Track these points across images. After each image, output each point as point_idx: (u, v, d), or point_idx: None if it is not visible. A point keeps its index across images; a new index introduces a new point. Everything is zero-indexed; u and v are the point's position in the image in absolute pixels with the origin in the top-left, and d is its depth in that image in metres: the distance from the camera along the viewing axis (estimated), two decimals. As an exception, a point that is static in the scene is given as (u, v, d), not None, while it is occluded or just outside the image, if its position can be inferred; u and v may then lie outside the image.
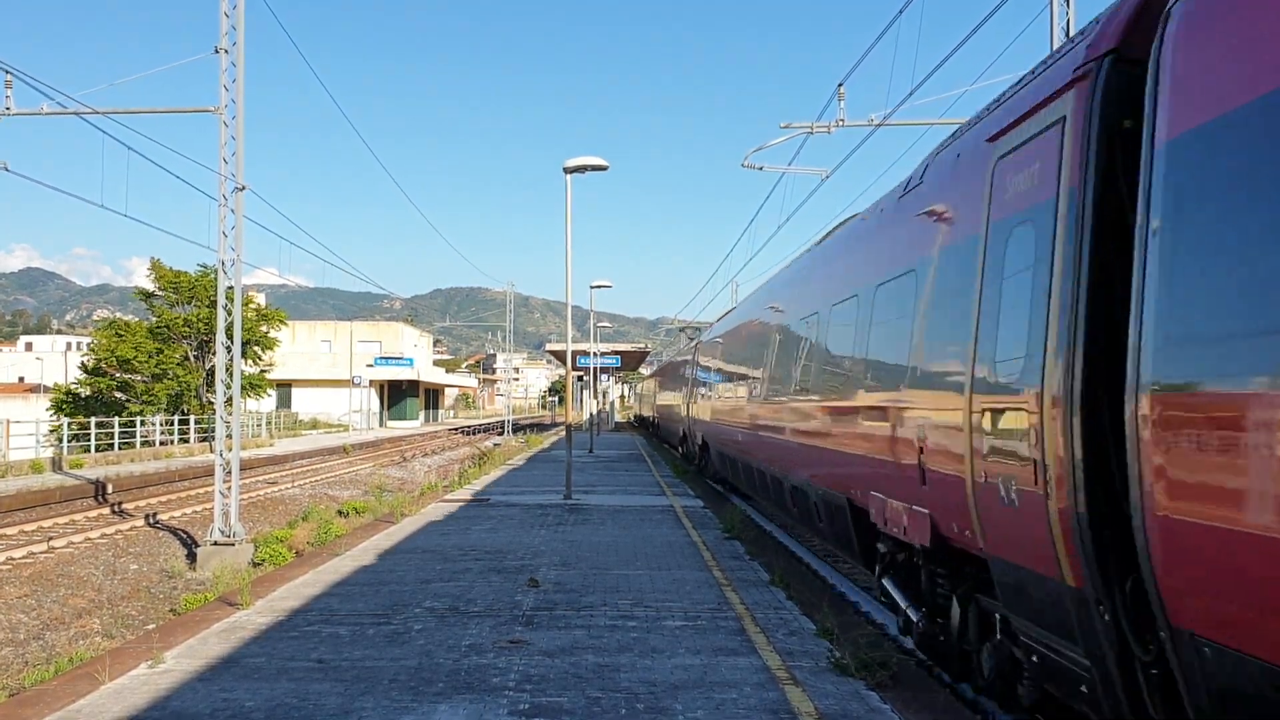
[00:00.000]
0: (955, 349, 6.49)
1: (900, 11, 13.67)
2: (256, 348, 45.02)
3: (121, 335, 42.06)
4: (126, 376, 41.65)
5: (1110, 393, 4.53)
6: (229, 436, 16.01)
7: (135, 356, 40.73)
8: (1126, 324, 4.35)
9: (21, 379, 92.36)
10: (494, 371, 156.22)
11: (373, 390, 71.27)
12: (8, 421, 32.05)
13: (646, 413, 65.03)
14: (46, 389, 60.12)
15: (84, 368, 42.78)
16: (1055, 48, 13.53)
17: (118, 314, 57.89)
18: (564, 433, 28.78)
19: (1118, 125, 4.78)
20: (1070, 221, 4.95)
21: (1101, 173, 4.79)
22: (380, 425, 73.67)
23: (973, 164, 6.64)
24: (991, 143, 6.24)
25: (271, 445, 44.24)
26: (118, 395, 41.62)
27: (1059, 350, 4.89)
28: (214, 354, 30.22)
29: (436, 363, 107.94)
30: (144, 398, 41.11)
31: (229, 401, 16.13)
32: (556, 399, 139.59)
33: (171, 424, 40.01)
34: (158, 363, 41.23)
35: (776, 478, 13.72)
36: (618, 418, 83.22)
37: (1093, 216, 4.81)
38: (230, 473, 15.88)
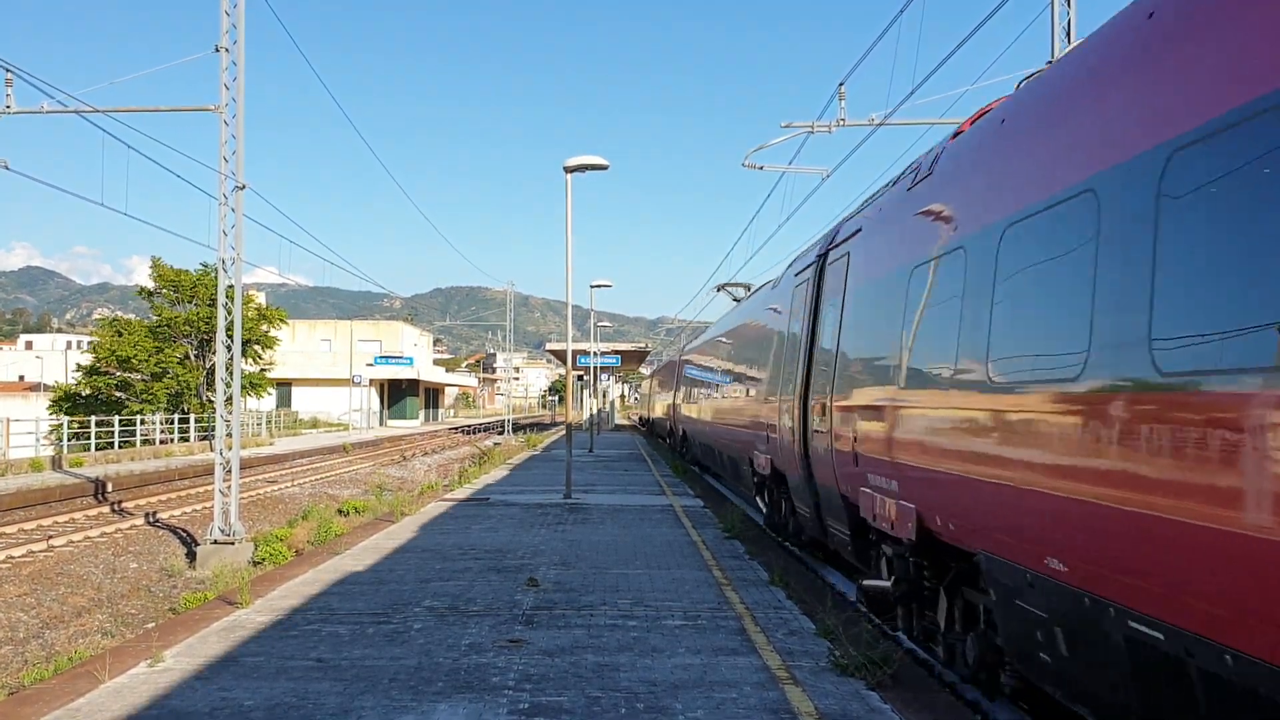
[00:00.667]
0: None
1: (900, 11, 13.67)
2: (257, 346, 45.03)
3: (121, 334, 42.08)
4: (126, 375, 41.67)
5: None
6: (229, 435, 16.01)
7: (135, 355, 40.74)
8: None
9: (21, 377, 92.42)
10: (494, 371, 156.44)
11: (372, 389, 71.28)
12: (7, 420, 32.07)
13: (658, 414, 47.62)
14: (47, 387, 60.17)
15: (81, 368, 42.80)
16: (1056, 48, 13.52)
17: (118, 313, 58.00)
18: (564, 432, 28.78)
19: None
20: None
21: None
22: (380, 424, 73.69)
23: None
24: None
25: (271, 444, 44.24)
26: (117, 394, 41.63)
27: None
28: (214, 353, 30.22)
29: (436, 362, 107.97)
30: (143, 396, 41.11)
31: (229, 400, 16.12)
32: (556, 398, 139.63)
33: (171, 423, 40.03)
34: (157, 361, 41.24)
35: None
36: (618, 418, 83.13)
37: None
38: (230, 471, 15.87)
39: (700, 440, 26.15)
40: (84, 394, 41.72)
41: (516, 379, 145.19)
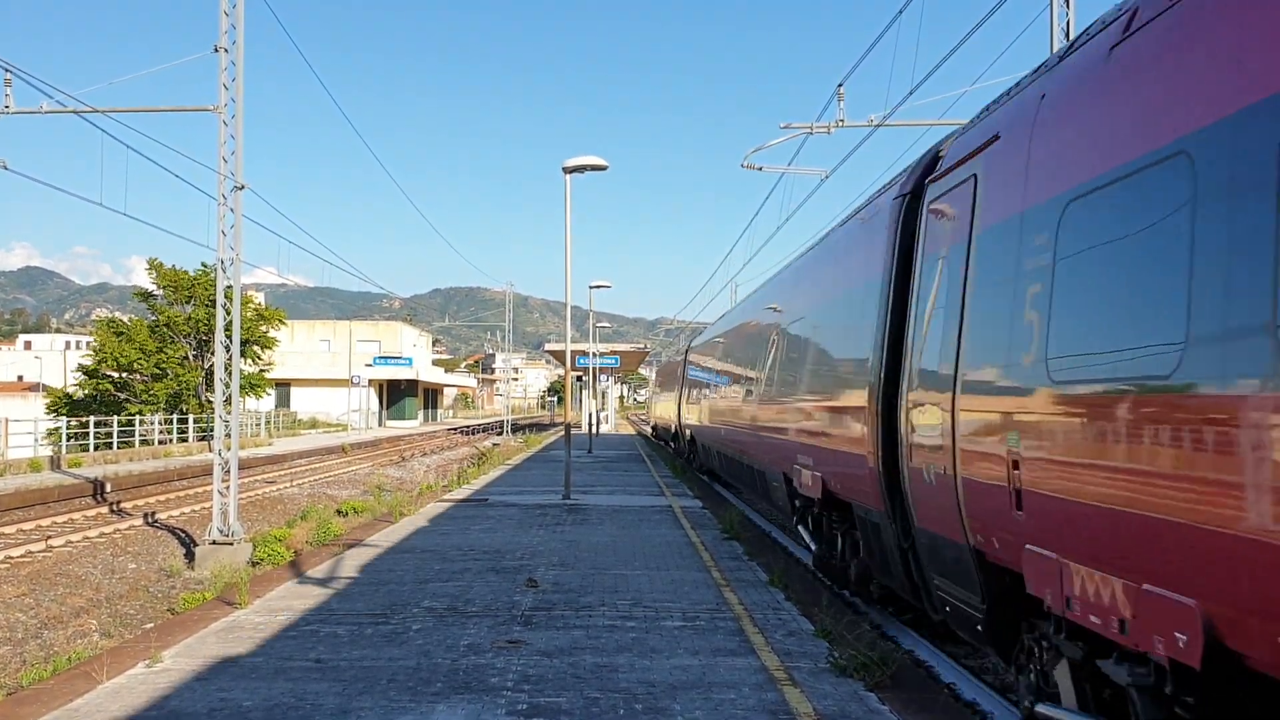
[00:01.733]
0: None
1: (900, 11, 13.67)
2: (255, 347, 45.00)
3: (122, 334, 42.06)
4: (126, 376, 41.66)
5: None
6: (228, 435, 16.00)
7: (137, 357, 40.78)
8: None
9: (20, 378, 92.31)
10: (493, 371, 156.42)
11: (371, 390, 71.25)
12: (6, 420, 32.05)
13: (691, 418, 29.68)
14: (46, 388, 60.19)
15: (81, 368, 42.75)
16: (1055, 49, 13.53)
17: (117, 313, 57.95)
18: (563, 433, 28.77)
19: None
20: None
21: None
22: (379, 425, 73.67)
23: None
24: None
25: (270, 444, 44.22)
26: (116, 395, 41.64)
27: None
28: (213, 353, 30.21)
29: (435, 362, 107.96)
30: (143, 397, 41.11)
31: (228, 401, 16.11)
32: (555, 399, 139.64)
33: (170, 423, 40.00)
34: (157, 362, 41.25)
35: None
36: (616, 421, 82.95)
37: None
38: (229, 472, 15.86)
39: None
40: (82, 397, 41.75)
41: (515, 379, 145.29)
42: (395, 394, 78.82)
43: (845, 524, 10.21)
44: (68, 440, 34.72)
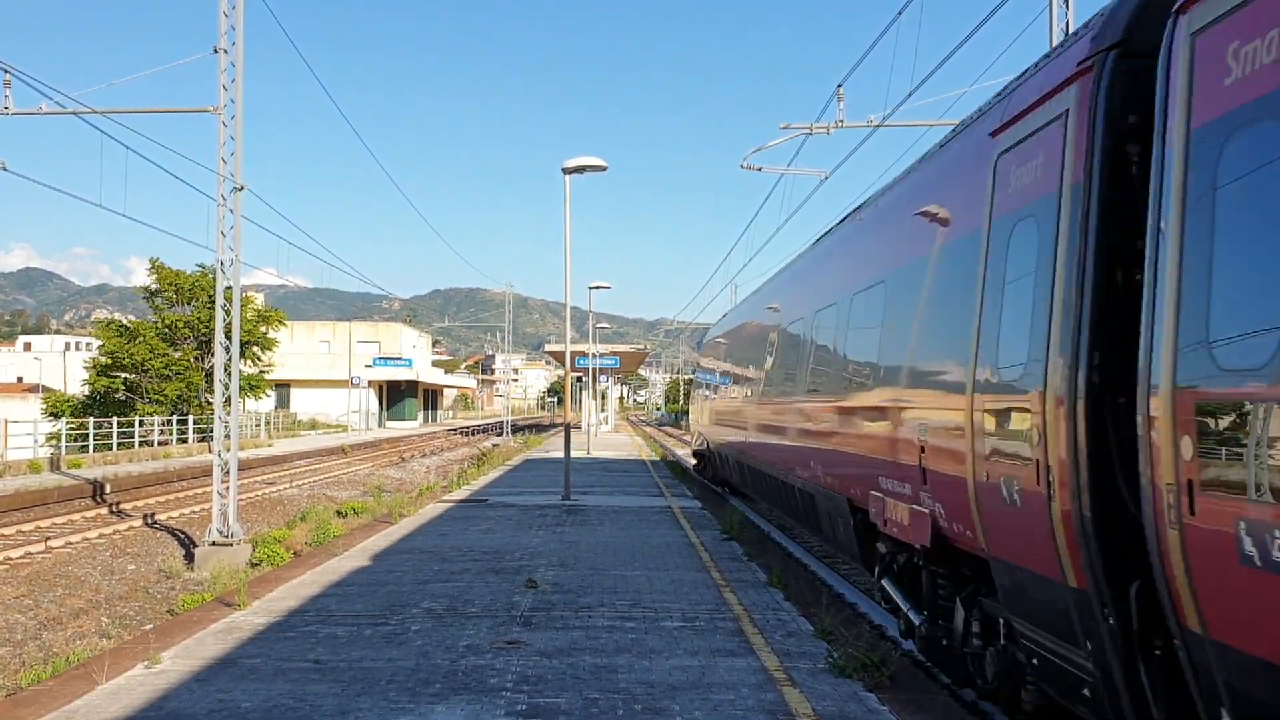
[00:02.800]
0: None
1: (900, 12, 13.68)
2: (255, 348, 44.97)
3: (131, 331, 42.06)
4: (136, 378, 41.68)
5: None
6: (227, 436, 16.00)
7: (149, 358, 40.84)
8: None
9: (20, 379, 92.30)
10: (493, 372, 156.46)
11: (371, 391, 71.24)
12: (5, 421, 32.05)
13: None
14: (46, 389, 60.21)
15: (95, 364, 42.70)
16: (1055, 43, 13.53)
17: (116, 314, 57.94)
18: (562, 433, 28.74)
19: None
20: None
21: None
22: (379, 426, 73.65)
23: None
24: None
25: (270, 445, 44.20)
26: (126, 395, 41.66)
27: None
28: (213, 354, 30.21)
29: (435, 363, 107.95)
30: (152, 397, 41.15)
31: (227, 401, 16.12)
32: (555, 400, 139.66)
33: (170, 424, 40.00)
34: (166, 364, 41.31)
35: None
36: (615, 423, 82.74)
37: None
38: (229, 473, 15.86)
39: None
40: (90, 394, 41.78)
41: (515, 380, 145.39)
42: (395, 395, 78.79)
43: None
44: (68, 441, 34.70)
